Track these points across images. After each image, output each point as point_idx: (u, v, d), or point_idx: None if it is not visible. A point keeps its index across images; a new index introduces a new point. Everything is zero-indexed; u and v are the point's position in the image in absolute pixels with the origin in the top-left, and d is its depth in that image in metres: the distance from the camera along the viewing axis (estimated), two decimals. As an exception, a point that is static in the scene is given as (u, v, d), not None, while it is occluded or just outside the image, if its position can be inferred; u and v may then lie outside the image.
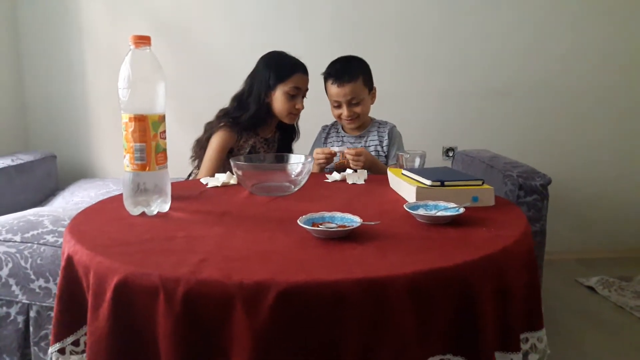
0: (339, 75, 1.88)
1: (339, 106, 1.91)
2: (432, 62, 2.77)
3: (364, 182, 1.51)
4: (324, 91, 1.94)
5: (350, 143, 1.97)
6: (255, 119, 1.89)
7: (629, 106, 2.87)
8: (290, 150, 2.07)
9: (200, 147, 1.91)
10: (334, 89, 1.89)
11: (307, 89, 1.93)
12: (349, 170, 1.62)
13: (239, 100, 1.92)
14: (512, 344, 0.87)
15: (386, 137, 1.96)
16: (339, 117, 1.94)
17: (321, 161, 1.78)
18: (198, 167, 1.94)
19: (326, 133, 2.05)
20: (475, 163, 2.27)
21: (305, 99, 1.94)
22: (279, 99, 1.87)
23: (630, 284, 2.48)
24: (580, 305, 2.31)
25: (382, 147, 1.95)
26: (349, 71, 1.88)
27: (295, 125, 2.06)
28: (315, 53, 1.94)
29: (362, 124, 1.99)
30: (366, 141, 1.97)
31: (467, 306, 0.81)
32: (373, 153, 1.94)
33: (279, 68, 1.88)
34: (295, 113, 1.91)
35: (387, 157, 1.96)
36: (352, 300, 0.74)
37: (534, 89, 2.82)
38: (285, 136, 2.05)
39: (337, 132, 2.03)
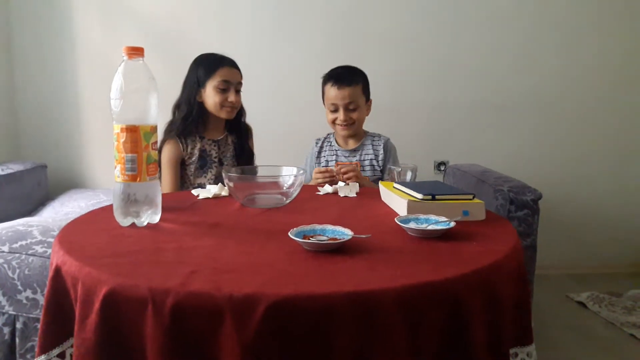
0: (340, 78, 1.90)
1: (335, 110, 1.91)
2: (425, 76, 2.79)
3: (355, 195, 1.51)
4: (316, 102, 1.94)
5: (345, 157, 1.97)
6: (190, 122, 1.89)
7: (621, 121, 2.90)
8: (248, 150, 2.05)
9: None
10: (332, 91, 1.90)
11: (239, 83, 1.91)
12: (340, 183, 1.63)
13: (177, 108, 1.94)
14: (501, 359, 0.86)
15: (381, 151, 1.96)
16: (334, 122, 1.93)
17: (320, 181, 1.77)
18: None
19: (319, 147, 2.05)
20: (467, 177, 2.28)
21: (298, 109, 1.95)
22: (210, 95, 1.88)
23: (621, 300, 2.48)
24: (571, 320, 2.31)
25: (378, 160, 1.95)
26: (350, 76, 1.92)
27: (243, 123, 2.04)
28: (310, 64, 1.96)
29: (356, 137, 1.99)
30: (361, 155, 1.97)
31: (456, 320, 0.81)
32: (368, 168, 1.94)
33: (204, 65, 1.89)
34: (229, 106, 1.89)
35: (382, 171, 1.96)
36: (342, 314, 0.74)
37: (526, 104, 2.85)
38: (239, 136, 2.03)
39: (330, 145, 2.03)
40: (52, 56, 2.68)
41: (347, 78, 1.91)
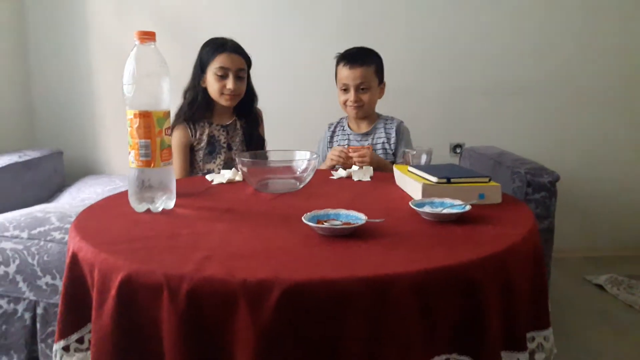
0: (352, 58, 1.89)
1: (346, 90, 1.90)
2: (441, 59, 2.75)
3: (369, 179, 1.50)
4: (330, 86, 1.92)
5: (357, 141, 1.96)
6: (196, 107, 1.88)
7: (638, 104, 2.84)
8: (258, 137, 2.02)
9: None
10: (344, 71, 1.88)
11: (240, 69, 1.86)
12: (354, 167, 1.62)
13: (185, 93, 1.93)
14: (518, 343, 0.86)
15: (393, 134, 1.94)
16: (345, 103, 1.92)
17: (334, 161, 1.77)
18: None
19: (331, 131, 2.04)
20: (483, 160, 2.25)
21: (312, 93, 1.92)
22: (210, 82, 1.86)
23: None
24: (589, 303, 2.29)
25: (390, 144, 1.93)
26: (363, 56, 1.90)
27: (255, 109, 2.03)
28: (324, 47, 1.94)
29: (369, 120, 1.97)
30: (373, 139, 1.95)
31: (472, 304, 0.80)
32: (380, 151, 1.93)
33: (206, 50, 1.87)
34: (227, 94, 1.85)
35: (394, 154, 1.94)
36: (356, 299, 0.73)
37: (543, 85, 2.79)
38: (248, 122, 2.00)
39: (342, 129, 2.01)
40: (67, 43, 2.69)
41: (360, 58, 1.88)
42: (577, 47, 2.77)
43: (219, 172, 1.53)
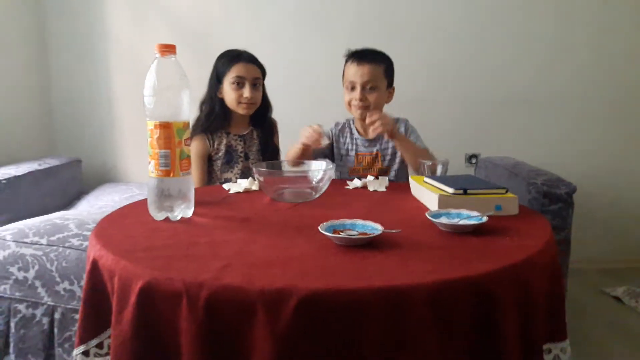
0: (362, 55, 1.82)
1: (352, 88, 1.81)
2: (456, 69, 2.75)
3: (385, 190, 1.51)
4: (342, 97, 1.91)
5: (365, 147, 1.89)
6: (214, 118, 1.91)
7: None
8: (273, 146, 2.04)
9: None
10: (352, 67, 1.80)
11: (256, 78, 1.89)
12: (370, 177, 1.62)
13: (202, 104, 1.95)
14: (535, 355, 0.85)
15: (402, 133, 1.85)
16: (349, 103, 1.83)
17: (308, 140, 1.68)
18: None
19: (338, 130, 1.94)
20: (499, 170, 2.24)
21: (325, 104, 1.93)
22: (227, 92, 1.89)
23: (658, 295, 2.42)
24: (606, 316, 2.26)
25: None
26: (373, 54, 1.83)
27: (269, 118, 2.04)
28: (337, 57, 1.94)
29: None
30: (381, 144, 1.88)
31: (489, 316, 0.80)
32: (388, 157, 1.86)
33: (222, 61, 1.90)
34: (245, 102, 1.87)
35: None
36: (373, 309, 0.74)
37: (558, 95, 2.78)
38: (263, 131, 2.02)
39: (351, 133, 1.92)
40: (86, 53, 2.74)
41: (369, 56, 1.81)
42: (594, 57, 2.76)
43: (236, 182, 1.55)
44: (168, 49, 1.09)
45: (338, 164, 1.92)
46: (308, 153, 1.75)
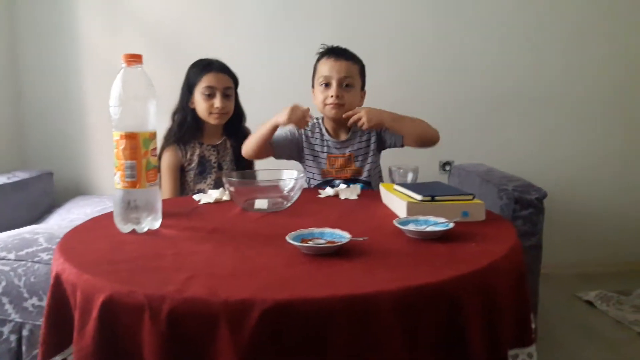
0: (338, 52, 1.78)
1: (327, 85, 1.75)
2: (429, 76, 2.78)
3: (356, 197, 1.51)
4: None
5: (337, 149, 1.84)
6: (186, 128, 1.90)
7: (627, 119, 2.88)
8: None
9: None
10: (328, 63, 1.75)
11: (228, 87, 1.89)
12: (342, 185, 1.62)
13: (174, 115, 1.94)
14: (501, 360, 0.86)
15: (374, 132, 1.83)
16: (324, 102, 1.77)
17: (294, 118, 1.65)
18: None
19: (307, 136, 1.86)
20: (471, 177, 2.27)
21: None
22: (198, 102, 1.88)
23: (629, 298, 2.46)
24: (579, 320, 2.29)
25: (371, 144, 1.83)
26: (349, 53, 1.80)
27: (243, 127, 2.03)
28: (312, 66, 1.94)
29: (345, 128, 1.85)
30: (353, 146, 1.84)
31: (454, 322, 0.80)
32: (361, 157, 1.82)
33: (193, 71, 1.90)
34: (216, 112, 1.87)
35: (383, 143, 1.85)
36: (339, 317, 0.74)
37: (531, 103, 2.83)
38: (237, 141, 1.97)
39: (321, 135, 1.86)
40: (57, 64, 2.70)
41: (346, 53, 1.79)
42: (566, 65, 2.81)
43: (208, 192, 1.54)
44: (134, 59, 1.08)
45: (309, 166, 1.86)
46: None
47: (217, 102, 1.85)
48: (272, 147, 1.80)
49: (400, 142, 1.81)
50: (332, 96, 1.74)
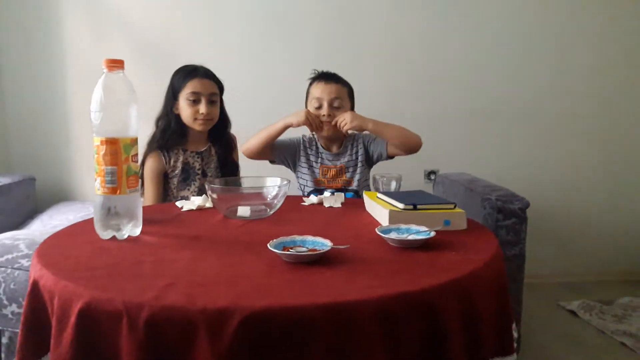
0: (327, 76, 1.94)
1: (319, 107, 1.90)
2: (415, 86, 2.80)
3: (340, 206, 1.51)
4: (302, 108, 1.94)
5: (329, 160, 1.97)
6: (169, 134, 1.88)
7: (610, 129, 2.91)
8: (232, 162, 2.03)
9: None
10: (319, 86, 1.91)
11: (213, 94, 1.89)
12: (326, 193, 1.63)
13: (157, 121, 1.93)
14: (481, 369, 0.86)
15: (362, 146, 1.97)
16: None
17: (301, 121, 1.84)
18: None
19: (304, 146, 2.00)
20: (455, 186, 2.28)
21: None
22: (183, 108, 1.87)
23: (611, 308, 2.48)
24: (562, 329, 2.30)
25: (359, 156, 1.96)
26: (338, 77, 1.95)
27: (228, 133, 2.03)
28: (299, 75, 1.96)
29: (338, 142, 1.99)
30: (344, 156, 1.97)
31: (435, 330, 0.81)
32: (351, 169, 1.95)
33: (177, 77, 1.89)
34: (201, 118, 1.86)
35: (372, 157, 1.98)
36: (319, 325, 0.73)
37: (516, 113, 2.86)
38: (222, 147, 2.00)
39: (317, 148, 1.99)
40: (41, 69, 2.68)
41: (335, 77, 1.94)
42: (551, 75, 2.85)
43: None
44: (115, 64, 1.08)
45: (303, 173, 1.97)
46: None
47: (202, 108, 1.84)
48: (271, 150, 1.95)
49: (386, 154, 1.94)
50: (323, 115, 1.89)
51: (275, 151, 1.97)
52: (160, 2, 2.67)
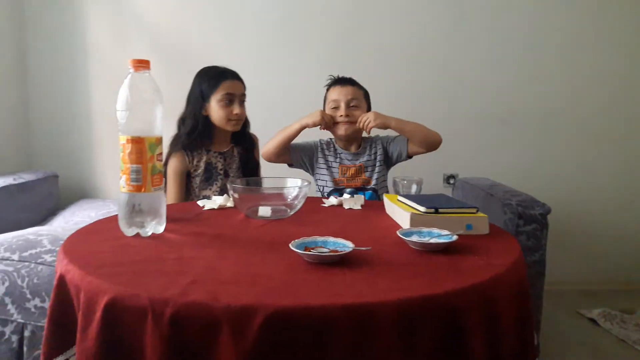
0: (343, 81, 1.99)
1: (336, 108, 1.94)
2: (434, 89, 2.79)
3: (360, 208, 1.51)
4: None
5: (348, 160, 1.98)
6: (196, 135, 1.90)
7: (631, 133, 2.88)
8: (253, 161, 2.06)
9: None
10: (336, 89, 1.96)
11: (242, 94, 1.93)
12: (345, 195, 1.63)
13: (182, 122, 1.95)
14: (501, 375, 0.86)
15: (380, 147, 1.99)
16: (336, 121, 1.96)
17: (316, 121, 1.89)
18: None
19: (322, 148, 2.03)
20: (475, 191, 2.27)
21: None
22: (215, 109, 1.89)
23: (633, 317, 2.44)
24: (582, 337, 2.27)
25: (377, 156, 1.98)
26: (353, 81, 2.00)
27: (248, 133, 2.05)
28: (313, 75, 1.98)
29: (357, 142, 2.02)
30: (363, 155, 1.99)
31: (455, 334, 0.80)
32: (370, 168, 1.97)
33: (207, 80, 1.91)
34: (234, 119, 1.90)
35: (389, 158, 2.00)
36: (339, 326, 0.74)
37: (536, 117, 2.83)
38: (244, 147, 2.03)
39: (334, 150, 2.02)
40: (65, 67, 2.73)
41: (350, 81, 1.99)
42: (572, 80, 2.82)
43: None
44: (142, 64, 1.09)
45: (321, 174, 1.99)
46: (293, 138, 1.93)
47: (236, 108, 1.88)
48: (289, 152, 1.98)
49: (406, 153, 1.95)
50: (341, 115, 1.92)
51: (293, 153, 1.99)
52: (179, 4, 2.71)
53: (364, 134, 2.01)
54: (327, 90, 2.02)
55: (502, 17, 2.77)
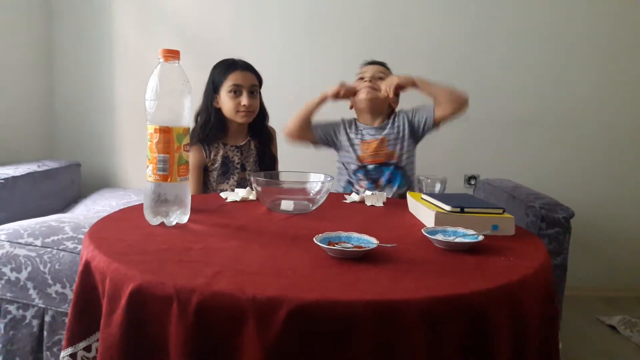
0: (374, 62, 2.05)
1: (363, 79, 1.98)
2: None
3: (382, 205, 1.51)
4: (342, 108, 2.01)
5: (370, 135, 1.99)
6: (210, 128, 1.90)
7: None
8: (270, 155, 2.05)
9: None
10: (366, 67, 2.02)
11: (253, 85, 1.90)
12: (367, 192, 1.62)
13: (198, 115, 1.95)
14: (526, 378, 0.84)
15: (405, 120, 1.99)
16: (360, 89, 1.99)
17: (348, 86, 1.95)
18: None
19: (344, 126, 2.05)
20: (497, 192, 2.24)
21: (323, 114, 1.95)
22: (224, 101, 1.88)
23: (653, 326, 2.40)
24: (601, 344, 2.24)
25: (402, 130, 1.98)
26: (381, 62, 2.06)
27: (266, 127, 2.04)
28: (337, 71, 1.98)
29: (381, 118, 2.02)
30: (385, 129, 1.99)
31: (480, 335, 0.79)
32: (393, 141, 1.97)
33: (217, 71, 1.91)
34: (243, 110, 1.88)
35: (418, 129, 1.99)
36: (363, 322, 0.73)
37: (559, 119, 2.80)
38: (261, 141, 2.02)
39: (356, 126, 2.04)
40: (90, 57, 2.75)
41: (382, 63, 2.05)
42: (597, 82, 2.78)
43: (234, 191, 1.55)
44: (172, 55, 1.09)
45: (346, 152, 2.02)
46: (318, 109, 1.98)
47: (244, 99, 1.86)
48: (311, 129, 2.02)
49: (432, 119, 1.95)
50: (367, 81, 1.97)
51: (315, 130, 2.03)
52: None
53: (390, 106, 2.03)
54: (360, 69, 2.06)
55: (525, 18, 2.74)
